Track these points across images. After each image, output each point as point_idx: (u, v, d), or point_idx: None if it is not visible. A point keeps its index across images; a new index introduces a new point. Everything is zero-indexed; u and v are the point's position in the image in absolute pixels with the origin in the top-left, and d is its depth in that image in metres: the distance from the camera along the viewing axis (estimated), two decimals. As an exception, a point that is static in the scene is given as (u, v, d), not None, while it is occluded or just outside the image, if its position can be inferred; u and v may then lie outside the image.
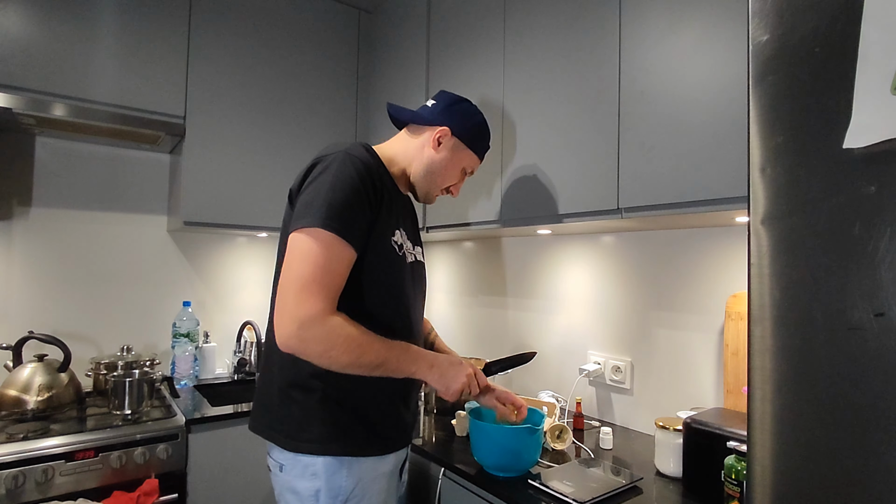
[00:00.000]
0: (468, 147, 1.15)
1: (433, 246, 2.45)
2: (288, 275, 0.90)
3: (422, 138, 1.13)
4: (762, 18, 0.56)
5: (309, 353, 0.89)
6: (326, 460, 0.96)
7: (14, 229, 1.81)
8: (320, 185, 0.94)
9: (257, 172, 1.96)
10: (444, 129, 1.11)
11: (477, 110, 1.17)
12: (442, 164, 1.13)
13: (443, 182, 1.16)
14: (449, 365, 1.01)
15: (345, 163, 0.96)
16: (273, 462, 1.02)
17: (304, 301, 0.87)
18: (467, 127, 1.14)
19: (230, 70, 1.90)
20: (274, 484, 1.03)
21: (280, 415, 0.99)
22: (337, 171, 0.95)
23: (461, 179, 1.19)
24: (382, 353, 0.92)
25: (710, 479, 1.06)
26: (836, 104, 0.50)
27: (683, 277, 1.44)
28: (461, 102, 1.16)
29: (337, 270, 0.91)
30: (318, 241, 0.90)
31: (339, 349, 0.88)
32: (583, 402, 1.65)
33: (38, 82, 1.54)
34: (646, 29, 1.16)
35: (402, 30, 2.04)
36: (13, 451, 1.28)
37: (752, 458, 0.55)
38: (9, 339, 1.74)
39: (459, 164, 1.16)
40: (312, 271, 0.89)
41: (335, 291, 0.91)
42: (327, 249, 0.90)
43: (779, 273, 0.54)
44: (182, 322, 1.98)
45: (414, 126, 1.15)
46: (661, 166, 1.11)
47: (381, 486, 1.02)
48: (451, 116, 1.13)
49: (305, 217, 0.91)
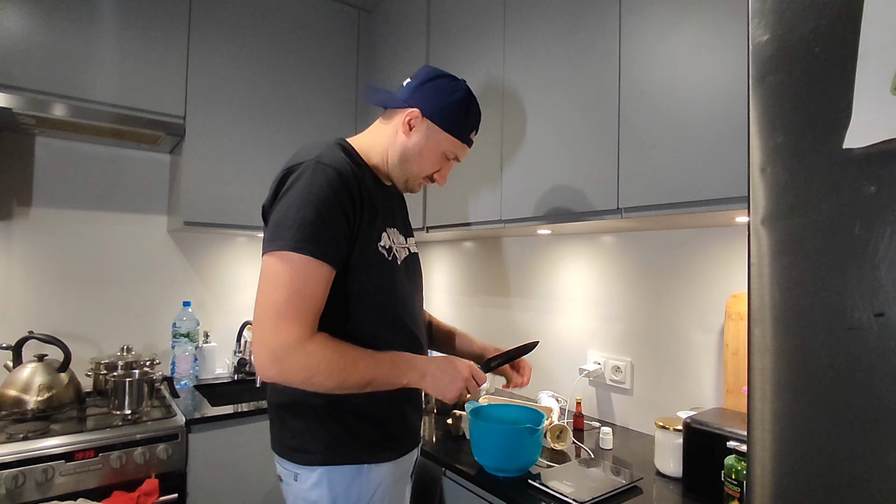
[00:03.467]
0: (444, 130, 1.01)
1: (433, 246, 2.45)
2: (262, 302, 0.86)
3: (394, 123, 1.03)
4: (762, 18, 0.56)
5: (291, 382, 0.86)
6: (342, 470, 0.94)
7: (14, 229, 1.81)
8: (290, 201, 0.88)
9: (257, 172, 1.96)
10: (414, 111, 0.99)
11: (456, 86, 1.02)
12: (416, 150, 1.01)
13: (420, 170, 1.04)
14: (442, 371, 0.96)
15: (315, 174, 0.89)
16: (285, 472, 0.98)
17: (279, 329, 0.83)
18: (441, 107, 1.00)
19: (230, 70, 1.90)
20: (286, 494, 0.99)
21: (291, 429, 0.96)
22: (307, 183, 0.88)
23: (445, 166, 1.07)
24: (369, 371, 0.89)
25: (710, 479, 1.06)
26: (836, 104, 0.50)
27: (683, 277, 1.44)
28: (436, 79, 1.01)
29: (313, 294, 0.87)
30: (289, 265, 0.85)
31: (322, 375, 0.85)
32: (583, 402, 1.65)
33: (38, 82, 1.54)
34: (646, 29, 1.16)
35: (401, 29, 2.04)
36: (13, 451, 1.28)
37: (752, 458, 0.55)
38: (9, 339, 1.74)
39: (437, 149, 1.03)
40: (287, 297, 0.84)
41: (313, 315, 0.87)
42: (301, 273, 0.85)
43: (779, 273, 0.54)
44: (182, 322, 1.98)
45: (389, 110, 1.05)
46: (661, 166, 1.11)
47: (397, 491, 1.00)
48: (424, 96, 1.00)
49: (276, 240, 0.87)
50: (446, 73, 1.03)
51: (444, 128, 1.01)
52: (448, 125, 1.01)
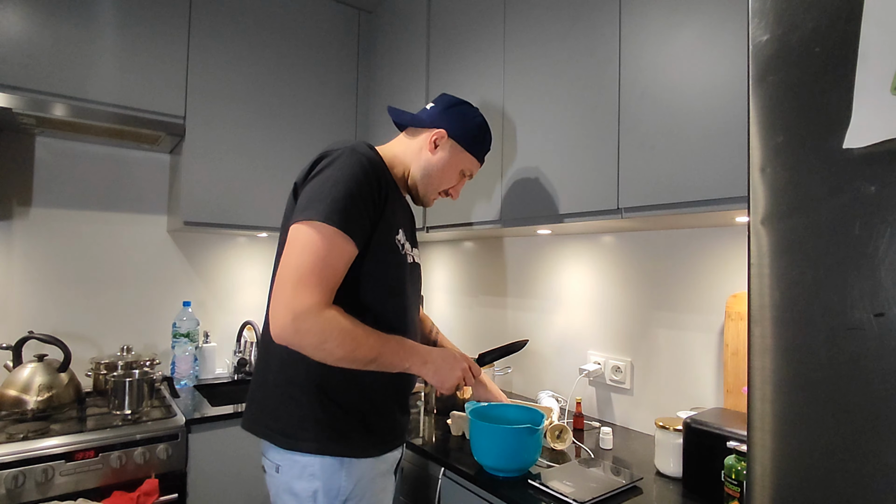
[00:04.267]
0: (465, 149, 1.14)
1: (433, 246, 2.45)
2: (286, 265, 0.89)
3: (419, 140, 1.13)
4: (762, 18, 0.56)
5: (303, 344, 0.88)
6: (325, 460, 0.96)
7: (14, 229, 1.81)
8: (325, 179, 0.94)
9: (257, 172, 1.96)
10: (441, 132, 1.11)
11: (476, 113, 1.17)
12: (439, 167, 1.13)
13: (440, 185, 1.15)
14: (443, 360, 1.01)
15: (351, 158, 0.96)
16: (269, 463, 1.00)
17: (300, 293, 0.87)
18: (465, 129, 1.13)
19: (230, 70, 1.90)
20: (270, 485, 1.02)
21: (277, 413, 0.98)
22: (342, 166, 0.94)
23: (460, 182, 1.19)
24: (377, 347, 0.92)
25: (710, 479, 1.06)
26: (836, 104, 0.50)
27: (683, 277, 1.44)
28: (460, 105, 1.15)
29: (336, 265, 0.91)
30: (319, 234, 0.89)
31: (334, 342, 0.88)
32: (583, 402, 1.65)
33: (38, 82, 1.54)
34: (646, 29, 1.16)
35: (402, 30, 2.04)
36: (13, 451, 1.28)
37: (752, 458, 0.55)
38: (9, 339, 1.74)
39: (457, 167, 1.15)
40: (311, 263, 0.88)
41: (333, 285, 0.91)
42: (328, 243, 0.89)
43: (779, 273, 0.54)
44: (182, 322, 1.98)
45: (412, 129, 1.15)
46: (661, 166, 1.11)
47: (378, 486, 1.02)
48: (449, 118, 1.13)
49: (308, 209, 0.91)
50: (466, 101, 1.17)
51: (466, 147, 1.14)
52: (469, 145, 1.14)
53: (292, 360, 0.97)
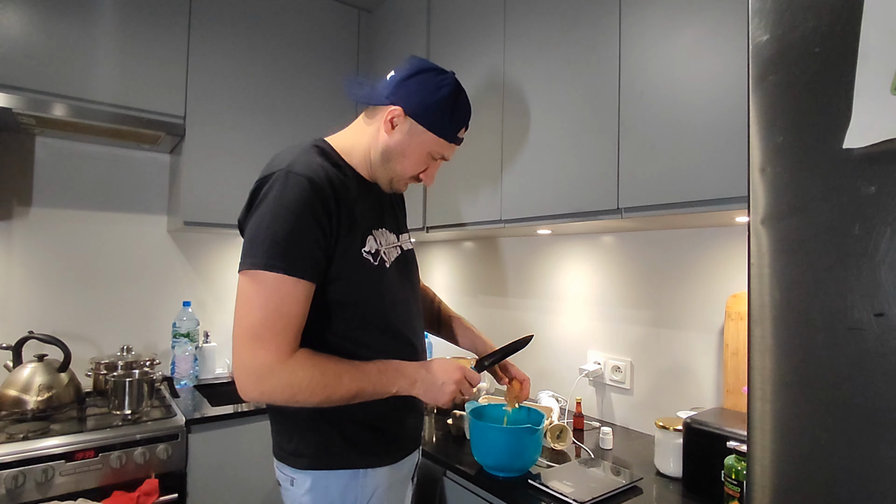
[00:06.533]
0: (428, 130, 0.94)
1: (433, 246, 2.45)
2: (238, 324, 0.84)
3: (376, 120, 0.97)
4: (762, 18, 0.56)
5: (274, 401, 0.85)
6: (336, 473, 0.93)
7: (14, 229, 1.81)
8: (261, 215, 0.85)
9: (257, 172, 1.93)
10: (396, 109, 0.93)
11: (443, 82, 0.94)
12: (398, 150, 0.95)
13: (404, 170, 0.98)
14: (433, 376, 0.94)
15: (286, 184, 0.85)
16: (283, 476, 0.97)
17: (257, 352, 0.82)
18: (425, 105, 0.93)
19: (230, 70, 1.90)
20: (285, 498, 0.98)
21: (286, 435, 0.95)
22: (278, 196, 0.85)
23: (432, 165, 1.01)
24: (355, 383, 0.87)
25: (710, 479, 1.06)
26: (836, 104, 0.50)
27: (683, 277, 1.44)
28: (421, 73, 0.94)
29: (290, 311, 0.84)
30: (263, 285, 0.83)
31: (305, 393, 0.84)
32: (583, 402, 1.65)
33: (38, 82, 1.54)
34: (646, 29, 1.16)
35: (402, 30, 2.04)
36: (13, 451, 1.28)
37: (752, 458, 0.55)
38: (9, 339, 1.74)
39: (422, 149, 0.96)
40: (262, 318, 0.82)
41: (292, 334, 0.85)
42: (275, 292, 0.83)
43: (779, 273, 0.54)
44: (182, 322, 1.98)
45: (371, 107, 0.99)
46: (661, 166, 1.11)
47: (395, 495, 0.99)
48: (406, 92, 0.93)
49: (247, 256, 0.85)
50: (433, 66, 0.96)
51: (429, 127, 0.94)
52: (432, 125, 0.94)
53: None
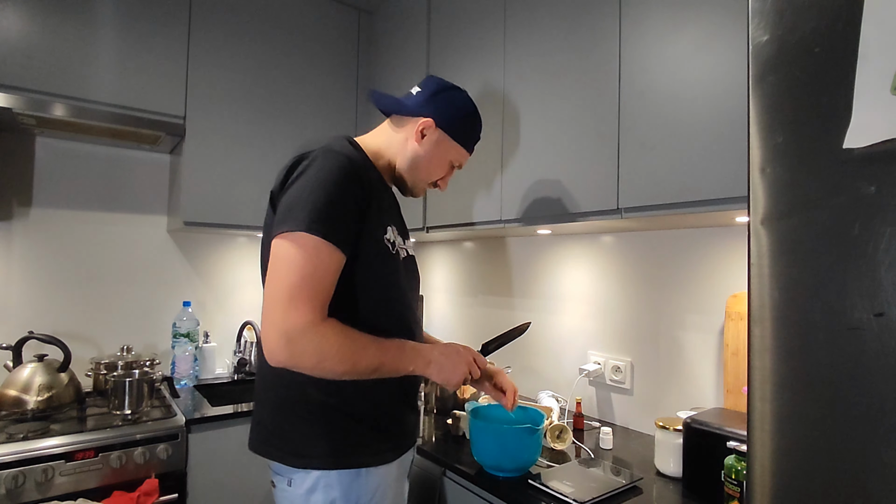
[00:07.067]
0: (455, 140, 1.07)
1: (433, 246, 2.45)
2: (273, 285, 0.85)
3: (405, 129, 1.06)
4: (762, 18, 0.56)
5: (301, 366, 0.84)
6: (341, 472, 0.92)
7: (14, 229, 1.81)
8: (303, 185, 0.88)
9: (257, 172, 1.96)
10: (428, 121, 1.04)
11: (466, 99, 1.09)
12: (426, 158, 1.06)
13: (428, 176, 1.09)
14: (446, 357, 0.98)
15: (328, 160, 0.90)
16: (279, 477, 0.95)
17: (291, 312, 0.82)
18: (454, 118, 1.06)
19: (230, 70, 1.90)
20: (279, 500, 0.96)
21: (286, 434, 0.94)
22: (320, 168, 0.89)
23: (449, 172, 1.13)
24: (377, 356, 0.89)
25: (710, 479, 1.06)
26: (836, 104, 0.50)
27: (683, 277, 1.44)
28: (448, 91, 1.07)
29: (326, 277, 0.86)
30: (303, 247, 0.84)
31: (333, 360, 0.84)
32: (583, 402, 1.65)
33: (38, 82, 1.54)
34: (646, 29, 1.16)
35: (402, 30, 2.04)
36: (13, 451, 1.28)
37: (752, 458, 0.55)
38: (9, 339, 1.74)
39: (446, 158, 1.09)
40: (299, 280, 0.83)
41: (324, 299, 0.86)
42: (314, 255, 0.85)
43: (779, 273, 0.54)
44: (182, 322, 1.98)
45: (397, 116, 1.08)
46: (661, 166, 1.11)
47: (396, 491, 1.00)
48: (437, 106, 1.05)
49: (288, 221, 0.86)
50: (454, 85, 1.09)
51: (455, 137, 1.07)
52: (458, 135, 1.07)
53: (294, 378, 0.92)
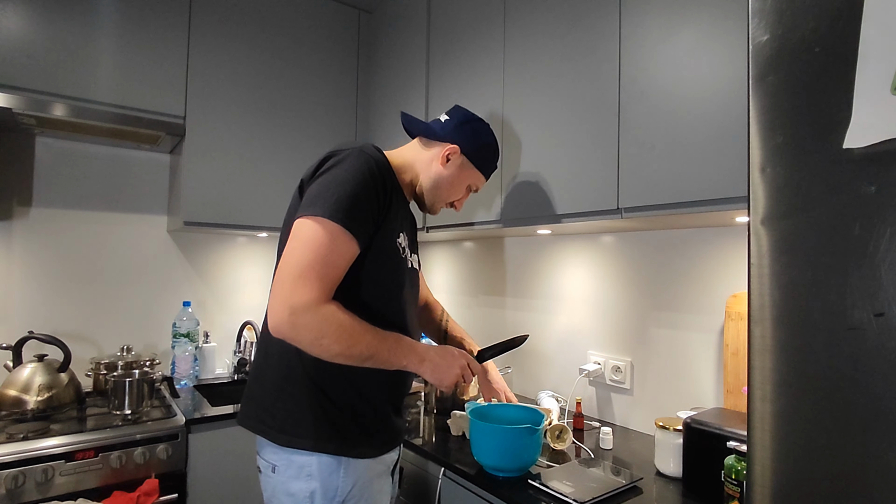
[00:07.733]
0: (475, 167, 1.17)
1: (433, 246, 2.45)
2: (287, 260, 0.90)
3: (431, 152, 1.14)
4: (762, 18, 0.56)
5: (300, 339, 0.88)
6: (322, 460, 0.95)
7: (14, 229, 1.81)
8: (332, 177, 0.94)
9: (257, 172, 1.96)
10: (455, 147, 1.13)
11: (489, 131, 1.18)
12: (448, 181, 1.15)
13: (447, 197, 1.18)
14: (441, 358, 1.01)
15: (359, 159, 0.96)
16: (265, 463, 1.00)
17: (299, 288, 0.87)
18: (477, 147, 1.15)
19: (230, 70, 1.90)
20: (265, 486, 1.01)
21: (273, 409, 0.98)
22: (350, 166, 0.95)
23: (465, 195, 1.21)
24: (374, 344, 0.92)
25: (710, 479, 1.06)
26: (836, 104, 0.50)
27: (683, 277, 1.44)
28: (474, 122, 1.16)
29: (337, 262, 0.91)
30: (322, 230, 0.90)
31: (331, 338, 0.88)
32: (583, 402, 1.65)
33: (38, 82, 1.54)
34: (646, 29, 1.16)
35: (402, 30, 2.04)
36: (13, 451, 1.28)
37: (752, 458, 0.55)
38: (9, 339, 1.74)
39: (465, 182, 1.17)
40: (313, 259, 0.88)
41: (332, 282, 0.91)
42: (331, 240, 0.90)
43: (779, 273, 0.54)
44: (182, 322, 1.98)
45: (425, 139, 1.17)
46: (661, 166, 1.11)
47: (376, 488, 1.02)
48: (463, 135, 1.14)
49: (313, 205, 0.91)
50: (479, 117, 1.19)
51: (476, 164, 1.17)
52: (479, 162, 1.17)
53: (289, 357, 0.97)
